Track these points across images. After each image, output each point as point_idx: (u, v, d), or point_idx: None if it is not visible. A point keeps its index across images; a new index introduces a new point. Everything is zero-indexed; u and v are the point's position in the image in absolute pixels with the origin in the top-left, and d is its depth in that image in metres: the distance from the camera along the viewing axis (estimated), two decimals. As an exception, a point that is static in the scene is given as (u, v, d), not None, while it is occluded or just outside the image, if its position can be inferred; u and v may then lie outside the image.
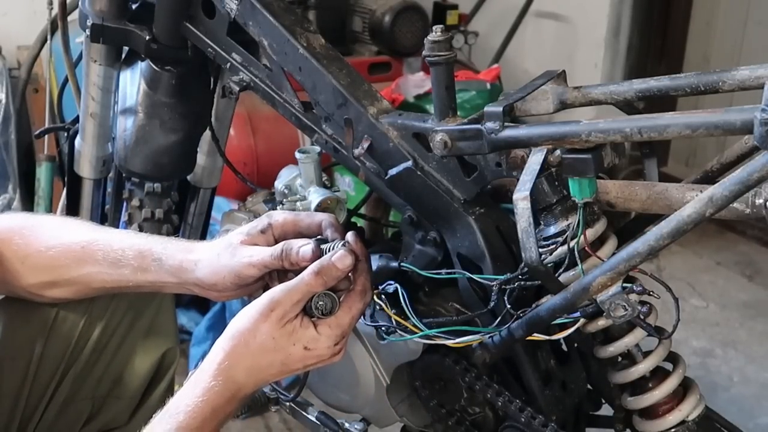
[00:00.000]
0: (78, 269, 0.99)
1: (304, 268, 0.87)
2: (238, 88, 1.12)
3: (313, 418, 1.12)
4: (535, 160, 0.85)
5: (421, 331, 0.94)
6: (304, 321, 0.86)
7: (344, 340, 0.89)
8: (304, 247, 0.89)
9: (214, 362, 0.86)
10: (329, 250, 0.89)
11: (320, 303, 0.87)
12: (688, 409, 0.94)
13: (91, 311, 1.08)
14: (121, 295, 1.10)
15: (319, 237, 0.92)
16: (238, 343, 0.86)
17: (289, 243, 0.90)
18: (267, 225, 0.94)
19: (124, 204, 1.57)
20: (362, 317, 0.98)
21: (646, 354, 0.95)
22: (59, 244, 1.00)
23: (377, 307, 0.98)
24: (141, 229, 1.51)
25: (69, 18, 1.50)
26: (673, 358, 0.97)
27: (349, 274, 0.88)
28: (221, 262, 0.93)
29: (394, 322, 0.96)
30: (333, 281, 0.87)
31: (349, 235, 0.91)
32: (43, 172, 2.28)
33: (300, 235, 0.94)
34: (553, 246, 0.86)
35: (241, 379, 0.86)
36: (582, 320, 0.89)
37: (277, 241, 0.93)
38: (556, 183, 0.86)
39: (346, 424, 1.18)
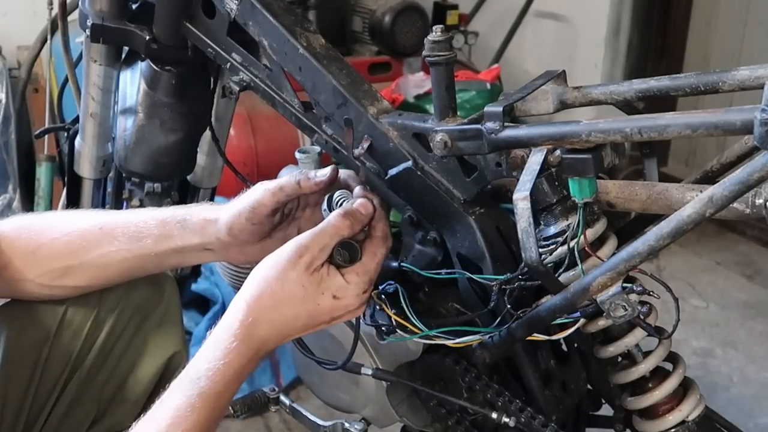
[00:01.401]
0: (95, 250, 0.98)
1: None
2: (238, 88, 1.12)
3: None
4: (535, 160, 0.85)
5: (421, 331, 0.94)
6: (332, 269, 0.85)
7: (371, 288, 0.88)
8: (322, 170, 0.91)
9: (236, 319, 0.83)
10: (338, 204, 0.91)
11: (344, 252, 0.86)
12: (688, 409, 0.94)
13: (98, 314, 1.08)
14: (128, 298, 1.10)
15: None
16: (263, 293, 0.83)
17: (306, 170, 0.93)
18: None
19: (124, 204, 1.56)
20: (362, 316, 0.99)
21: (646, 354, 0.95)
22: (75, 229, 0.99)
23: (377, 307, 0.98)
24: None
25: (69, 18, 1.50)
26: (673, 358, 0.97)
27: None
28: (240, 201, 0.93)
29: (394, 322, 0.96)
30: (359, 225, 0.87)
31: (358, 189, 0.93)
32: (43, 172, 2.27)
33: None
34: (553, 246, 0.86)
35: (264, 334, 0.83)
36: (582, 320, 0.89)
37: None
38: (556, 183, 0.86)
39: (346, 424, 1.18)
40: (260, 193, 0.92)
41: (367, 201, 0.90)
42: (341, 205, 0.91)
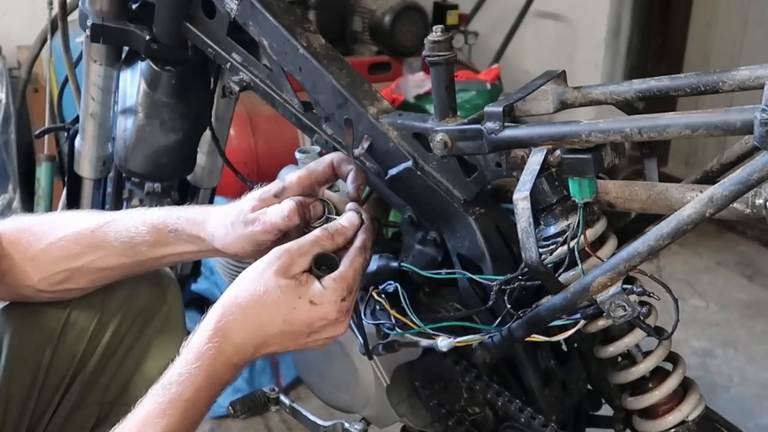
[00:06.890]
0: (90, 255, 0.98)
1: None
2: (238, 88, 1.12)
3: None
4: (535, 160, 0.85)
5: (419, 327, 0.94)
6: (310, 276, 0.84)
7: (351, 297, 0.85)
8: (283, 209, 0.89)
9: (211, 322, 0.82)
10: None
11: (323, 263, 0.86)
12: (688, 409, 0.94)
13: (102, 316, 1.08)
14: (131, 301, 1.10)
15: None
16: (240, 295, 0.82)
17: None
18: (281, 188, 0.93)
19: (124, 204, 1.57)
20: (362, 315, 0.99)
21: (646, 354, 0.95)
22: (70, 233, 0.99)
23: (378, 307, 0.98)
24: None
25: (69, 18, 1.50)
26: (673, 358, 0.97)
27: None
28: (236, 233, 0.92)
29: (393, 320, 0.96)
30: (341, 238, 0.87)
31: (350, 205, 0.92)
32: (43, 172, 2.27)
33: (318, 184, 0.95)
34: (553, 246, 0.86)
35: (238, 338, 0.81)
36: (582, 322, 0.89)
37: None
38: (556, 183, 0.86)
39: (346, 424, 1.18)
40: (259, 234, 0.90)
41: (355, 213, 0.89)
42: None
